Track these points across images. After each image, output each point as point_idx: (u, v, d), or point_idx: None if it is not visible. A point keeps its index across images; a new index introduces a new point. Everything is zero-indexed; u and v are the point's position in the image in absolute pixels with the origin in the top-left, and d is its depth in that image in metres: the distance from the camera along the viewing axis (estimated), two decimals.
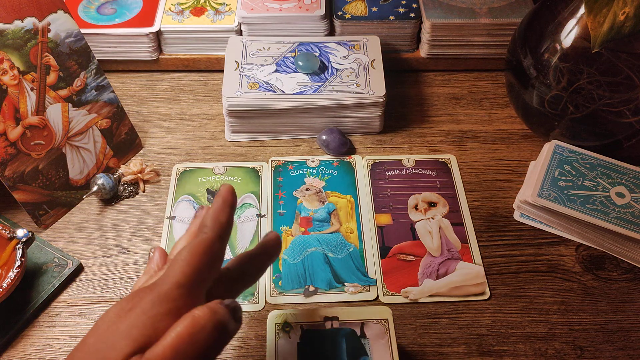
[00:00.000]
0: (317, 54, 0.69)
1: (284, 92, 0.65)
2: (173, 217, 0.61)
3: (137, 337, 0.32)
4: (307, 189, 0.63)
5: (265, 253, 0.42)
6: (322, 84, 0.67)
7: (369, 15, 0.75)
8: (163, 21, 0.74)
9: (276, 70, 0.68)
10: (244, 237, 0.59)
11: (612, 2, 0.51)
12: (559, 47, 0.59)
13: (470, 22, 0.72)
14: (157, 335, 0.32)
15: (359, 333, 0.46)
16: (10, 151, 0.56)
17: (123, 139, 0.66)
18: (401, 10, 0.75)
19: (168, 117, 0.72)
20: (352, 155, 0.67)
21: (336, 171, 0.65)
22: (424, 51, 0.76)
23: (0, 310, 0.52)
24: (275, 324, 0.47)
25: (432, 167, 0.66)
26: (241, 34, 0.76)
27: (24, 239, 0.53)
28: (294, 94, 0.65)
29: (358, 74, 0.68)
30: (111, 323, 0.33)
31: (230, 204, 0.38)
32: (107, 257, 0.58)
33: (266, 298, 0.55)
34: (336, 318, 0.47)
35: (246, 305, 0.54)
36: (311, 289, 0.55)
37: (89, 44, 0.61)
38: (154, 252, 0.42)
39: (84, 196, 0.61)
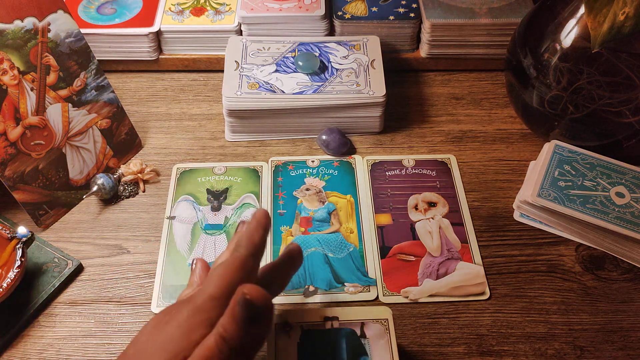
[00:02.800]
0: (317, 54, 0.69)
1: (284, 92, 0.65)
2: (173, 217, 0.61)
3: (172, 349, 0.34)
4: (307, 189, 0.63)
5: (289, 263, 0.45)
6: (322, 84, 0.67)
7: (369, 15, 0.75)
8: (163, 21, 0.74)
9: (276, 70, 0.68)
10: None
11: (612, 2, 0.51)
12: (559, 47, 0.59)
13: (470, 22, 0.72)
14: (191, 346, 0.34)
15: (359, 333, 0.46)
16: (10, 151, 0.56)
17: (123, 139, 0.66)
18: (401, 10, 0.75)
19: (168, 117, 0.72)
20: (352, 155, 0.67)
21: (336, 171, 0.65)
22: (424, 51, 0.76)
23: (0, 310, 0.52)
24: (275, 324, 0.47)
25: (432, 167, 0.66)
26: (241, 34, 0.76)
27: (24, 238, 0.53)
28: (294, 94, 0.65)
29: (358, 74, 0.68)
30: (149, 335, 0.35)
31: (264, 226, 0.40)
32: (107, 257, 0.58)
33: None
34: (336, 318, 0.47)
35: None
36: (311, 289, 0.55)
37: (89, 44, 0.61)
38: (196, 264, 0.44)
39: (84, 196, 0.61)
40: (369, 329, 0.47)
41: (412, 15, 0.74)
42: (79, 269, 0.57)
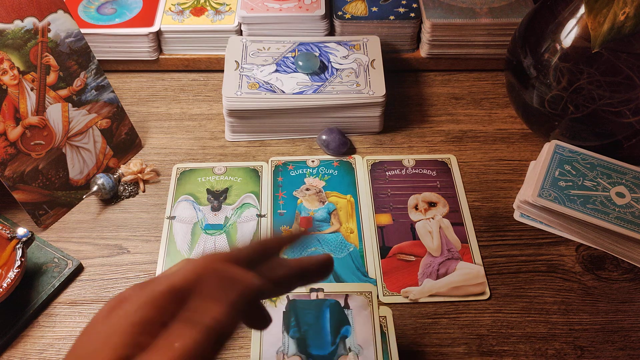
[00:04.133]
0: (317, 54, 0.69)
1: (284, 92, 0.65)
2: (173, 217, 0.61)
3: (116, 347, 0.26)
4: (307, 189, 0.63)
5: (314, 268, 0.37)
6: (322, 84, 0.67)
7: (369, 15, 0.75)
8: (163, 21, 0.74)
9: (276, 70, 0.68)
10: (243, 237, 0.59)
11: (612, 2, 0.51)
12: (559, 47, 0.59)
13: (470, 22, 0.72)
14: (135, 346, 0.26)
15: (342, 304, 0.48)
16: (10, 151, 0.56)
17: (123, 139, 0.66)
18: (401, 10, 0.75)
19: (168, 117, 0.72)
20: (352, 155, 0.67)
21: (336, 171, 0.65)
22: (424, 51, 0.76)
23: (0, 310, 0.52)
24: None
25: (432, 167, 0.66)
26: (241, 34, 0.76)
27: (24, 238, 0.53)
28: (294, 94, 0.65)
29: (358, 74, 0.68)
30: (97, 322, 0.28)
31: (293, 241, 0.36)
32: (107, 257, 0.58)
33: None
34: (321, 290, 0.49)
35: None
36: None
37: (89, 44, 0.61)
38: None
39: (84, 196, 0.61)
40: (352, 300, 0.48)
41: (412, 15, 0.74)
42: (79, 269, 0.57)
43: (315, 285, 0.49)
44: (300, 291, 0.49)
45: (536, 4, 0.66)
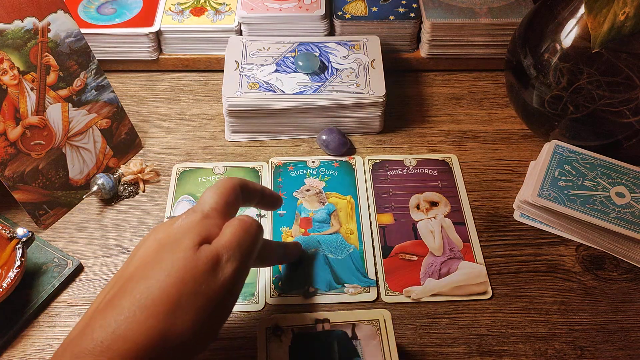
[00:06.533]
0: (317, 54, 0.69)
1: (284, 92, 0.65)
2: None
3: (199, 233, 0.39)
4: (307, 190, 0.63)
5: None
6: (322, 84, 0.67)
7: (369, 15, 0.75)
8: (163, 21, 0.74)
9: (276, 70, 0.68)
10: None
11: (612, 2, 0.51)
12: (559, 47, 0.59)
13: (470, 22, 0.72)
14: (210, 239, 0.39)
15: (350, 334, 0.46)
16: (10, 151, 0.56)
17: (123, 139, 0.66)
18: (401, 10, 0.75)
19: (168, 117, 0.72)
20: (352, 156, 0.67)
21: (336, 172, 0.65)
22: (424, 51, 0.76)
23: (0, 310, 0.52)
24: (266, 328, 0.46)
25: (434, 166, 0.66)
26: (241, 34, 0.76)
27: (24, 238, 0.53)
28: (294, 94, 0.65)
29: (358, 74, 0.68)
30: (159, 238, 0.39)
31: (264, 193, 0.50)
32: (107, 257, 0.58)
33: (266, 299, 0.55)
34: (327, 320, 0.47)
35: (246, 305, 0.54)
36: (311, 290, 0.55)
37: (89, 44, 0.61)
38: None
39: (84, 196, 0.61)
40: (360, 330, 0.47)
41: (412, 15, 0.74)
42: (79, 269, 0.57)
43: (320, 316, 0.48)
44: (305, 323, 0.47)
45: (536, 4, 0.66)
